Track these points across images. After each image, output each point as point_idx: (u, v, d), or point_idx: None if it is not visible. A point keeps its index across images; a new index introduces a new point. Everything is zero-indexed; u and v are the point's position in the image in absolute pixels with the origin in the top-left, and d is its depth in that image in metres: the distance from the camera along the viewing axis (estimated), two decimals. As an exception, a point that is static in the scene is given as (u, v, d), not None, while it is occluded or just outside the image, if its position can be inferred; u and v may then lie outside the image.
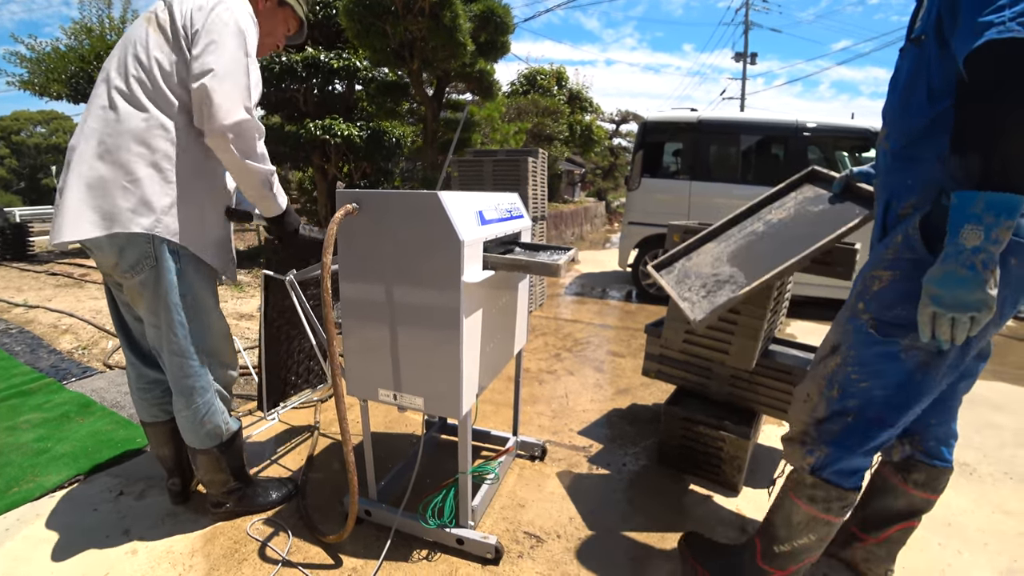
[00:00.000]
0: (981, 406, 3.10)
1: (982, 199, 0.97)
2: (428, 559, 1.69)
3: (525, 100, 13.23)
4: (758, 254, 1.73)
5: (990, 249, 0.98)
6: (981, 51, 0.96)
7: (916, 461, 1.52)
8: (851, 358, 1.26)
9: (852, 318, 1.28)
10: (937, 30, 1.10)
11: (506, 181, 4.48)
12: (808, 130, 5.21)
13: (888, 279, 1.20)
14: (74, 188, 1.41)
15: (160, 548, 1.71)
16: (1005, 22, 0.93)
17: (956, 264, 1.02)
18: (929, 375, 1.20)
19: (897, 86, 1.27)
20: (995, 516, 2.03)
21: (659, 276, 1.90)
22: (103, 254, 1.50)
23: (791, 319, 5.04)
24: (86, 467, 2.12)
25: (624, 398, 3.05)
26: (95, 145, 1.42)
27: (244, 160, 1.44)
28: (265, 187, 1.54)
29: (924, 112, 1.17)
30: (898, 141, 1.25)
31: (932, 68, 1.13)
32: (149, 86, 1.44)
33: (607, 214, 18.73)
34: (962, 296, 1.02)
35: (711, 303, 1.61)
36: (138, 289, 1.53)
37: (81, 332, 3.91)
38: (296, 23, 1.81)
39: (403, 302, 1.52)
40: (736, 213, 1.96)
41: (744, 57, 23.60)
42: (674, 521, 1.93)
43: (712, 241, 1.95)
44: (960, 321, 1.04)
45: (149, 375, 1.75)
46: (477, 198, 1.61)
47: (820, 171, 1.91)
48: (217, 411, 1.70)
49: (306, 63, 6.84)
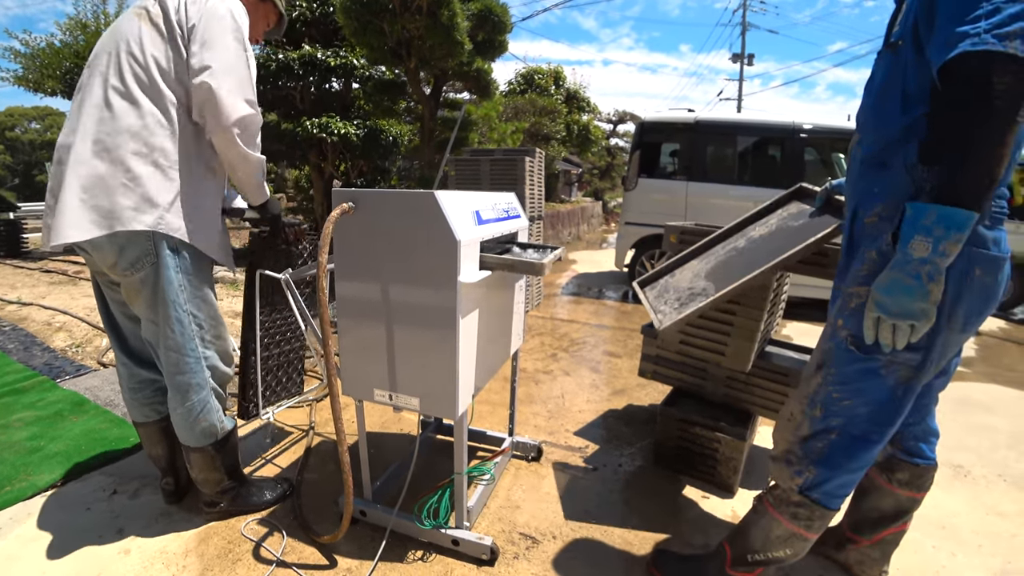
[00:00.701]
0: (974, 408, 3.12)
1: (934, 212, 0.98)
2: (423, 560, 1.69)
3: (522, 99, 13.22)
4: (732, 268, 1.76)
5: (936, 261, 1.00)
6: (955, 62, 0.95)
7: (898, 460, 1.52)
8: (832, 376, 1.25)
9: (832, 336, 1.27)
10: (914, 36, 1.10)
11: (503, 180, 4.47)
12: (805, 131, 5.22)
13: (865, 294, 1.18)
14: (72, 188, 1.39)
15: (153, 548, 1.70)
16: (980, 34, 0.93)
17: (902, 273, 1.03)
18: (910, 389, 1.20)
19: (872, 90, 1.25)
20: (989, 518, 2.03)
21: (641, 292, 1.96)
22: (101, 253, 1.49)
23: (788, 320, 5.05)
24: (79, 466, 2.11)
25: (620, 399, 3.05)
26: (92, 144, 1.41)
27: (248, 152, 1.46)
28: (260, 176, 1.57)
29: (897, 119, 1.16)
30: (870, 147, 1.23)
31: (908, 74, 1.13)
32: (146, 83, 1.43)
33: (604, 214, 18.74)
34: (905, 304, 1.04)
35: (679, 313, 1.66)
36: (137, 287, 1.53)
37: (75, 330, 3.89)
38: (276, 17, 1.82)
39: (399, 302, 1.51)
40: (723, 229, 1.99)
41: (741, 58, 23.63)
42: (669, 522, 1.93)
43: (696, 258, 1.99)
44: (901, 328, 1.06)
45: (141, 374, 1.75)
46: (474, 198, 1.61)
47: (807, 187, 1.91)
48: (212, 409, 1.70)
49: (303, 61, 6.82)
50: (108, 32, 1.51)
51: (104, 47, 1.48)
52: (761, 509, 1.41)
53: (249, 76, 1.46)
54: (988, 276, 1.12)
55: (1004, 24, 0.92)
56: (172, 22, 1.43)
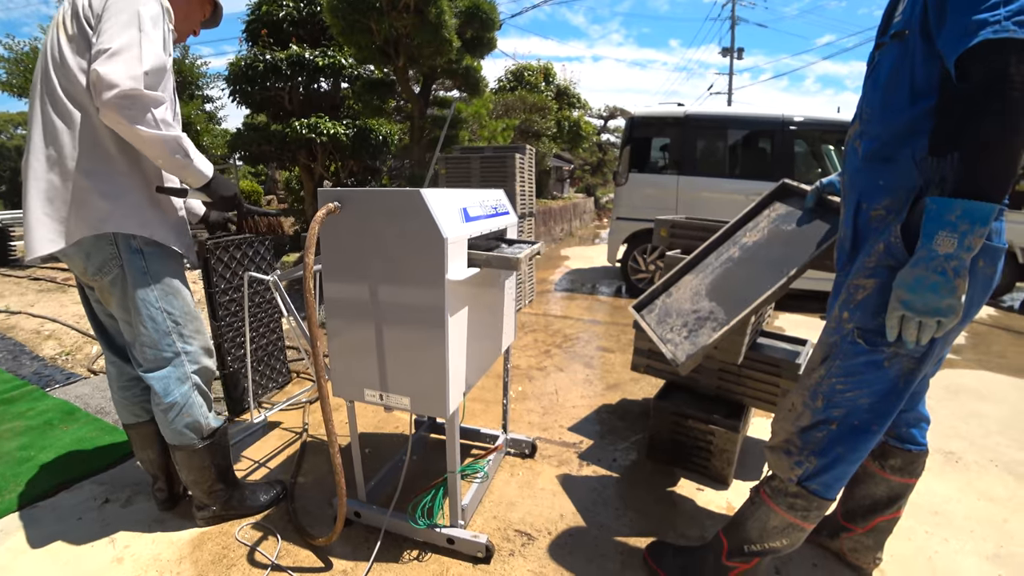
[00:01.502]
0: (966, 395, 3.14)
1: (959, 207, 0.96)
2: (419, 559, 1.69)
3: (513, 96, 13.19)
4: (735, 284, 1.72)
5: (963, 256, 0.99)
6: (974, 51, 0.93)
7: (891, 447, 1.53)
8: (836, 368, 1.25)
9: (837, 328, 1.26)
10: (922, 25, 1.07)
11: (493, 178, 4.47)
12: (794, 124, 5.23)
13: (872, 287, 1.18)
14: (35, 203, 1.44)
15: (147, 556, 1.69)
16: (1000, 20, 0.90)
17: (927, 270, 1.02)
18: (911, 381, 1.20)
19: (877, 84, 1.22)
20: (980, 503, 2.05)
21: (640, 318, 1.90)
22: (72, 261, 1.55)
23: (780, 312, 5.08)
24: (70, 475, 2.09)
25: (614, 393, 3.05)
26: (44, 159, 1.45)
27: (137, 128, 1.37)
28: (177, 153, 1.46)
29: (904, 111, 1.14)
30: (874, 140, 1.22)
31: (916, 65, 1.11)
32: (73, 92, 1.44)
33: (596, 210, 18.75)
34: (932, 301, 1.03)
35: (693, 344, 1.62)
36: (108, 289, 1.56)
37: (64, 338, 3.85)
38: (211, 7, 1.80)
39: (387, 301, 1.50)
40: (712, 239, 1.95)
41: (731, 52, 23.68)
42: (665, 516, 1.94)
43: (690, 273, 1.94)
44: (927, 325, 1.05)
45: (129, 372, 1.75)
46: (461, 195, 1.60)
47: (791, 185, 1.89)
48: (195, 404, 1.69)
49: (291, 61, 6.79)
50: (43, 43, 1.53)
51: (39, 60, 1.51)
52: (758, 500, 1.42)
53: (140, 56, 1.37)
54: (990, 267, 1.13)
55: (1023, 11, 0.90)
56: (82, 24, 1.42)
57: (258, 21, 7.41)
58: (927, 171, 1.12)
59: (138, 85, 1.35)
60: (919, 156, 1.12)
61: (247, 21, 7.55)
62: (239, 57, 6.94)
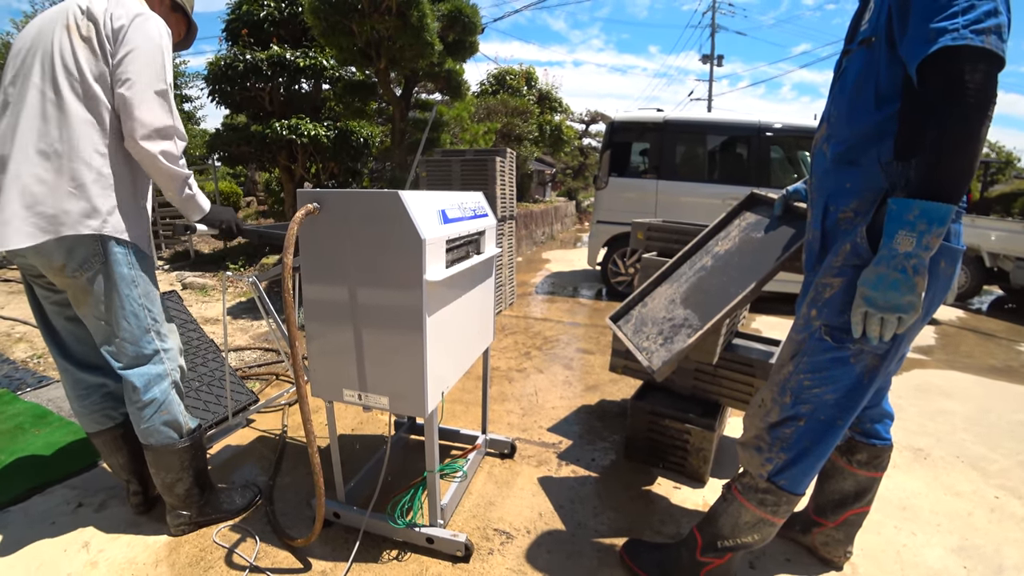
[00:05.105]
0: (933, 394, 3.23)
1: (917, 207, 1.01)
2: (398, 559, 1.69)
3: (495, 100, 13.21)
4: (708, 291, 1.76)
5: (921, 255, 1.04)
6: (934, 58, 0.98)
7: (857, 442, 1.58)
8: (804, 365, 1.29)
9: (805, 326, 1.30)
10: (888, 32, 1.12)
11: (474, 181, 4.48)
12: (771, 130, 5.34)
13: (839, 285, 1.22)
14: (14, 196, 1.42)
15: (122, 559, 1.67)
16: (959, 29, 0.95)
17: (889, 268, 1.07)
18: (874, 376, 1.24)
19: (845, 89, 1.27)
20: (946, 498, 2.12)
21: (616, 328, 1.94)
22: (47, 258, 1.48)
23: (755, 314, 5.17)
24: (43, 479, 2.05)
25: (593, 394, 3.08)
26: (34, 154, 1.43)
27: (169, 166, 1.51)
28: (186, 189, 1.59)
29: (870, 116, 1.18)
30: (840, 144, 1.26)
31: (881, 71, 1.15)
32: (82, 93, 1.46)
33: (577, 213, 18.85)
34: (893, 298, 1.08)
35: (668, 351, 1.66)
36: (86, 287, 1.53)
37: (36, 340, 3.77)
38: (185, 27, 1.83)
39: (366, 302, 1.51)
40: (685, 249, 1.99)
41: (711, 59, 23.98)
42: (642, 514, 1.96)
43: (665, 283, 1.98)
44: (888, 321, 1.10)
45: (85, 380, 1.71)
46: (440, 197, 1.61)
47: (759, 195, 1.94)
48: (174, 401, 1.68)
49: (272, 62, 6.72)
50: (32, 37, 1.50)
51: (32, 55, 1.48)
52: (730, 497, 1.45)
53: (167, 89, 1.51)
54: (950, 267, 1.18)
55: (980, 20, 0.95)
56: (103, 37, 1.45)
57: (238, 20, 7.32)
58: (892, 174, 1.16)
59: (178, 129, 1.51)
60: (885, 159, 1.17)
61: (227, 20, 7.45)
62: (219, 56, 6.85)
